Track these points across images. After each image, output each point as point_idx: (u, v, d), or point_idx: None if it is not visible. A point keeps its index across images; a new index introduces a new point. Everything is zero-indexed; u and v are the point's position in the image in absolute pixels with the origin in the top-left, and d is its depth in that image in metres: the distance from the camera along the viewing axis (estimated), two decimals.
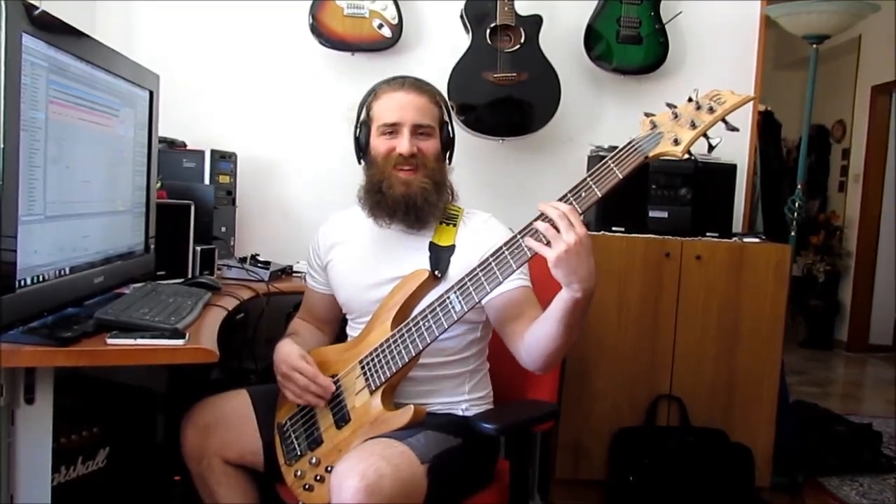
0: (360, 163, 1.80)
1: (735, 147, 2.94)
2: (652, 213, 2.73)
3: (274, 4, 2.88)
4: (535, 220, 1.41)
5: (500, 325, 1.67)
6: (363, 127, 1.76)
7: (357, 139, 1.78)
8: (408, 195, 1.67)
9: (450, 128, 1.79)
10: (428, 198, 1.68)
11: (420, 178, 1.69)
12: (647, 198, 2.73)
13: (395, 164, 1.69)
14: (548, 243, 1.37)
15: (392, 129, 1.70)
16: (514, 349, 1.63)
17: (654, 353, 2.69)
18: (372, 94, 1.76)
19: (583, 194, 1.41)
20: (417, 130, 1.70)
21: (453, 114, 1.84)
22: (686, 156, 1.39)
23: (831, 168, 6.44)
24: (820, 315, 6.01)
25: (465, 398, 1.74)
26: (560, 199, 1.41)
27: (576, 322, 1.46)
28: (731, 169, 2.81)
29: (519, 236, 1.43)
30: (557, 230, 1.36)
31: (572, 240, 1.35)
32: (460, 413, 1.72)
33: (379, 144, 1.72)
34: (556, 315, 1.45)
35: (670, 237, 2.69)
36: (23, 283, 1.30)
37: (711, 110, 1.38)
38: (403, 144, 1.68)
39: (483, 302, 1.57)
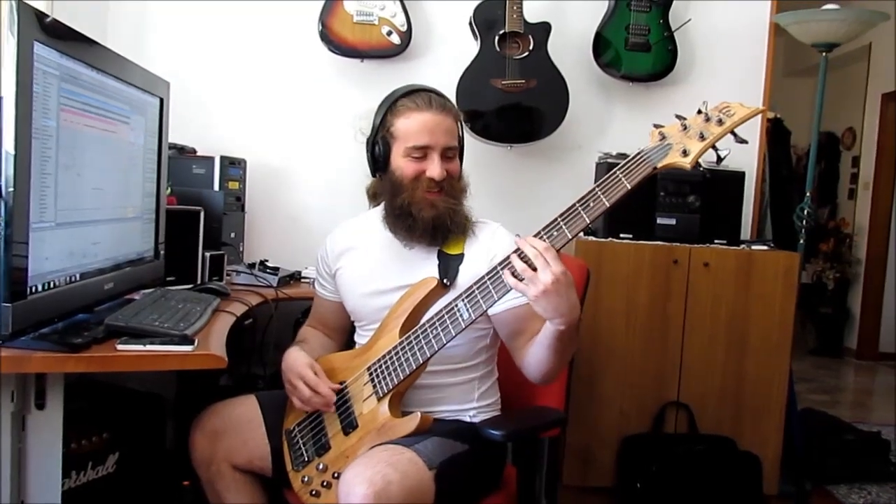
0: (374, 176, 1.79)
1: (743, 154, 2.93)
2: (660, 220, 2.73)
3: (284, 12, 2.89)
4: (511, 255, 1.43)
5: (507, 339, 1.70)
6: (382, 142, 1.71)
7: (373, 153, 1.75)
8: (437, 217, 1.67)
9: (463, 139, 1.80)
10: (455, 218, 1.69)
11: (445, 199, 1.68)
12: (656, 205, 2.73)
13: (425, 187, 1.67)
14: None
15: (422, 153, 1.67)
16: (518, 363, 1.67)
17: (661, 361, 2.68)
18: (391, 109, 1.71)
19: (591, 204, 1.41)
20: (446, 153, 1.69)
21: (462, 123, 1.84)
22: (695, 168, 1.40)
23: (841, 175, 6.43)
24: (829, 322, 5.98)
25: (474, 405, 1.74)
26: (538, 234, 1.42)
27: (565, 347, 1.51)
28: (739, 176, 2.80)
29: (513, 255, 1.44)
30: (534, 269, 1.38)
31: (549, 279, 1.37)
32: (468, 419, 1.72)
33: (405, 166, 1.68)
34: (545, 342, 1.51)
35: (678, 244, 2.69)
36: (34, 289, 1.31)
37: (720, 122, 1.38)
38: (435, 169, 1.66)
39: (491, 312, 1.58)
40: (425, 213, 1.66)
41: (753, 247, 2.76)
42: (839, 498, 3.00)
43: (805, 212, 3.07)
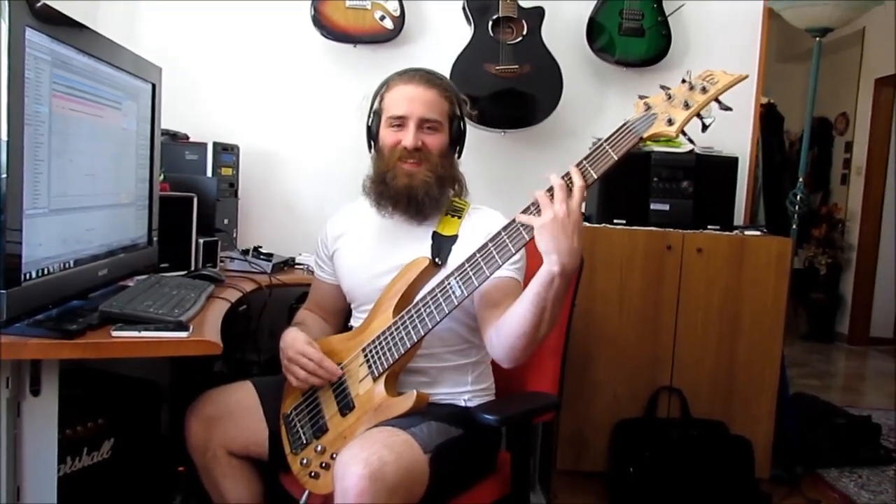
0: (370, 152, 1.83)
1: (737, 140, 2.94)
2: (653, 206, 2.73)
3: None
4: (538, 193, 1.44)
5: (479, 310, 1.68)
6: (375, 117, 1.79)
7: (369, 129, 1.81)
8: (410, 187, 1.69)
9: (461, 122, 1.80)
10: (429, 192, 1.70)
11: (423, 172, 1.71)
12: (649, 190, 2.73)
13: (399, 156, 1.71)
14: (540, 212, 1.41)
15: (399, 122, 1.72)
16: (485, 336, 1.64)
17: (654, 346, 2.70)
18: (385, 85, 1.78)
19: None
20: (424, 125, 1.72)
21: (466, 108, 1.85)
22: (680, 136, 1.42)
23: (834, 161, 6.44)
24: (821, 308, 6.02)
25: (468, 389, 1.75)
26: (576, 166, 1.43)
27: (548, 304, 1.46)
28: (732, 161, 2.80)
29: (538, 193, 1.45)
30: (552, 200, 1.39)
31: (562, 211, 1.38)
32: (462, 404, 1.73)
33: (386, 136, 1.74)
34: (531, 291, 1.47)
35: (672, 230, 2.69)
36: (28, 276, 1.31)
37: (704, 90, 1.41)
38: (408, 138, 1.70)
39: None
40: (398, 182, 1.70)
41: (746, 232, 2.77)
42: (830, 481, 3.03)
43: (798, 197, 3.09)
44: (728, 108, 1.41)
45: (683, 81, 1.42)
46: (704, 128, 1.42)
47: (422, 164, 1.71)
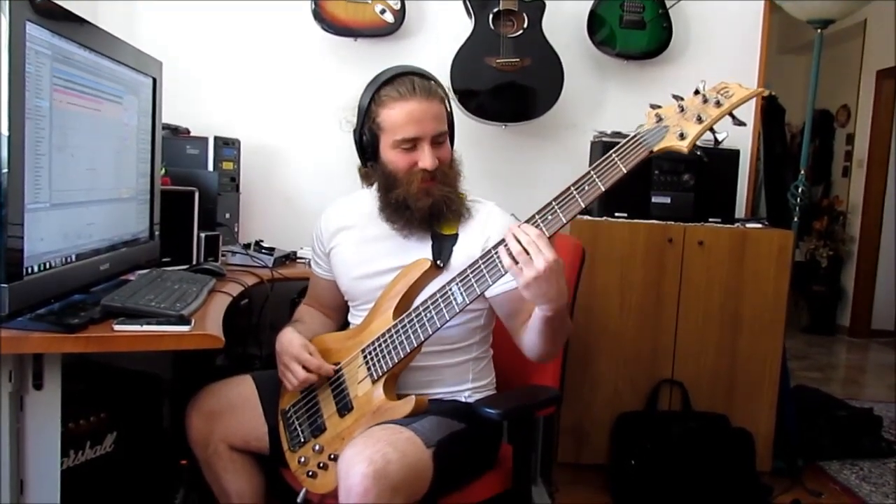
0: (365, 166, 1.76)
1: (738, 133, 2.91)
2: (655, 199, 2.74)
3: None
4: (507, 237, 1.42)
5: (504, 319, 1.71)
6: (369, 132, 1.68)
7: (360, 142, 1.71)
8: (433, 205, 1.66)
9: (452, 114, 1.77)
10: (450, 204, 1.68)
11: (441, 187, 1.66)
12: (650, 183, 2.73)
13: (421, 178, 1.64)
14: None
15: (411, 145, 1.64)
16: (517, 343, 1.67)
17: (656, 339, 2.70)
18: (374, 99, 1.66)
19: (586, 188, 1.40)
20: (436, 140, 1.66)
21: (451, 96, 1.80)
22: (692, 151, 1.39)
23: (835, 153, 6.42)
24: (822, 300, 6.01)
25: (469, 386, 1.75)
26: (529, 220, 1.42)
27: (554, 332, 1.54)
28: (734, 154, 2.81)
29: (509, 238, 1.43)
30: (528, 254, 1.39)
31: (542, 266, 1.38)
32: (464, 400, 1.73)
33: (397, 159, 1.65)
34: (535, 327, 1.54)
35: (673, 223, 2.70)
36: (30, 270, 1.31)
37: (718, 104, 1.35)
38: (427, 159, 1.63)
39: (487, 294, 1.58)
40: (421, 203, 1.65)
41: (748, 225, 2.78)
42: (831, 474, 3.04)
43: (799, 190, 3.08)
44: (742, 124, 1.36)
45: (697, 93, 1.36)
46: (717, 143, 1.38)
47: (438, 178, 1.66)
